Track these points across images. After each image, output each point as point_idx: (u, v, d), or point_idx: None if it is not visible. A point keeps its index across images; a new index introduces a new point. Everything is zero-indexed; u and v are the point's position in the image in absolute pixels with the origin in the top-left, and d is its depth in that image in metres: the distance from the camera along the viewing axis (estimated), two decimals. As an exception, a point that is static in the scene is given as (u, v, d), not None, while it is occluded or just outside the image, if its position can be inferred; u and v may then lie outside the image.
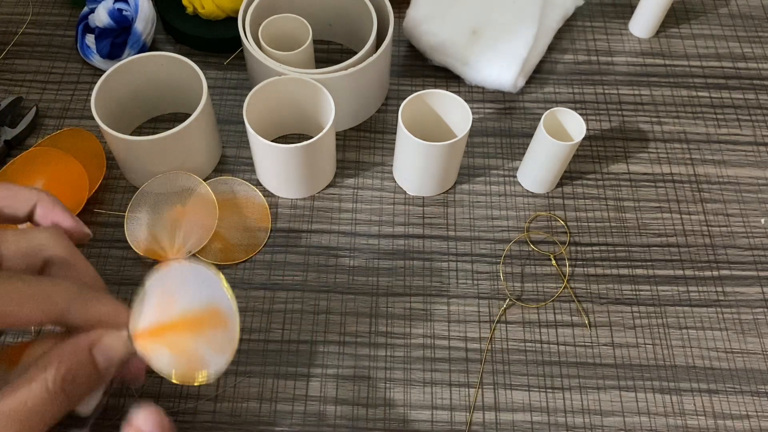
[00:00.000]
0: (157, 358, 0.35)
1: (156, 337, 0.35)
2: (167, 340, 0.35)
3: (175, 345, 0.35)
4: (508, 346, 0.53)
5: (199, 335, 0.35)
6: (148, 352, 0.35)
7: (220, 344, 0.35)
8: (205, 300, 0.35)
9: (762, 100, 0.67)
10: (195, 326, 0.35)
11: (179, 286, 0.35)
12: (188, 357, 0.35)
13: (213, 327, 0.35)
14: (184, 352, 0.35)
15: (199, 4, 0.65)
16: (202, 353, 0.35)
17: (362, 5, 0.62)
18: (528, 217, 0.59)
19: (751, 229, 0.59)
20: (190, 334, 0.35)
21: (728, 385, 0.52)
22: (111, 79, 0.56)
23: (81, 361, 0.33)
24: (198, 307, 0.35)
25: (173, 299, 0.35)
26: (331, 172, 0.60)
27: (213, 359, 0.35)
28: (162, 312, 0.35)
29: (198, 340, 0.35)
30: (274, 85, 0.56)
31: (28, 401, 0.31)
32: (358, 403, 0.50)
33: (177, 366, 0.35)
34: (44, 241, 0.36)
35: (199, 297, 0.35)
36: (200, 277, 0.34)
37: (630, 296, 0.55)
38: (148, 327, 0.35)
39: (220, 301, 0.35)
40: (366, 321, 0.53)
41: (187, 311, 0.35)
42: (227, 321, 0.35)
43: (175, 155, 0.55)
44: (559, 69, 0.68)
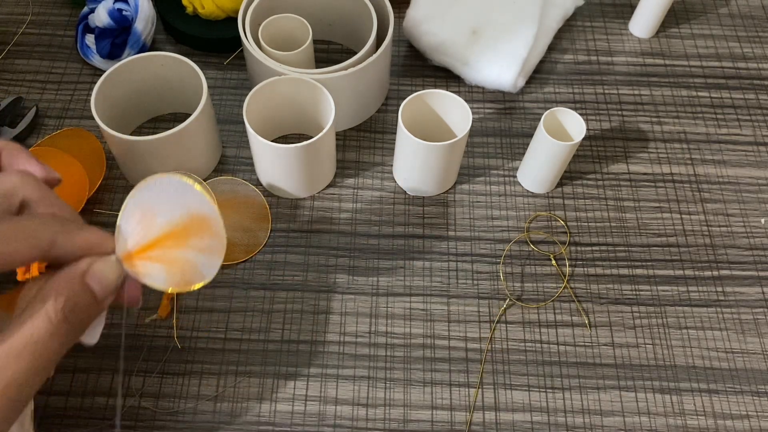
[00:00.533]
0: (149, 275, 0.35)
1: (144, 255, 0.35)
2: (156, 255, 0.35)
3: (165, 258, 0.35)
4: (508, 346, 0.53)
5: (187, 243, 0.35)
6: (140, 272, 0.35)
7: (209, 247, 0.35)
8: (185, 208, 0.35)
9: (762, 100, 0.67)
10: (181, 236, 0.35)
11: (157, 200, 0.35)
12: (180, 267, 0.35)
13: (199, 232, 0.35)
14: (176, 262, 0.35)
15: (199, 4, 0.65)
16: (193, 260, 0.35)
17: (362, 5, 0.62)
18: (528, 217, 0.59)
19: (751, 229, 0.59)
20: (177, 245, 0.35)
21: (728, 385, 0.52)
22: (111, 79, 0.56)
23: (77, 289, 0.34)
24: (180, 217, 0.35)
25: (153, 214, 0.35)
26: (331, 172, 0.60)
27: (205, 262, 0.35)
28: (145, 229, 0.35)
29: (186, 249, 0.35)
30: (274, 85, 0.56)
31: (33, 335, 0.32)
32: (358, 403, 0.50)
33: (171, 278, 0.35)
34: (16, 183, 0.36)
35: (178, 206, 0.35)
36: (175, 187, 0.34)
37: (630, 296, 0.55)
38: (134, 247, 0.35)
39: (200, 206, 0.34)
40: (366, 321, 0.53)
41: (169, 223, 0.35)
42: (211, 223, 0.35)
43: (175, 155, 0.55)
44: (559, 69, 0.68)
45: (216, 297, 0.54)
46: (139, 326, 0.52)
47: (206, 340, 0.52)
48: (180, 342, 0.52)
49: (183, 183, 0.34)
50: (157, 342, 0.52)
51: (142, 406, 0.49)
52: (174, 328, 0.52)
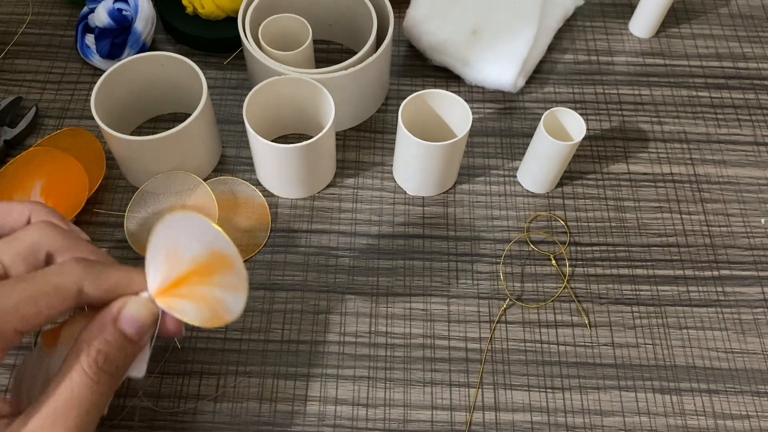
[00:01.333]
0: (181, 311, 0.36)
1: (174, 292, 0.36)
2: (185, 292, 0.36)
3: (194, 295, 0.36)
4: (508, 346, 0.53)
5: (211, 280, 0.36)
6: (172, 307, 0.36)
7: (233, 284, 0.36)
8: (207, 245, 0.35)
9: (762, 100, 0.67)
10: (205, 273, 0.36)
11: (180, 236, 0.35)
12: (208, 303, 0.36)
13: (222, 270, 0.35)
14: (204, 299, 0.36)
15: (199, 4, 0.65)
16: (220, 296, 0.36)
17: (362, 5, 0.62)
18: (528, 217, 0.59)
19: (751, 229, 0.59)
20: (202, 282, 0.36)
21: (728, 385, 0.52)
22: (111, 79, 0.56)
23: (109, 337, 0.35)
24: (203, 255, 0.35)
25: (178, 250, 0.36)
26: (331, 172, 0.60)
27: (231, 299, 0.36)
28: (172, 266, 0.36)
29: (212, 286, 0.36)
30: (274, 85, 0.56)
31: (74, 390, 0.33)
32: (358, 403, 0.50)
33: (202, 314, 0.36)
34: (36, 237, 0.37)
35: (200, 244, 0.35)
36: (196, 225, 0.35)
37: (630, 296, 0.55)
38: (163, 284, 0.36)
39: (220, 244, 0.35)
40: (366, 321, 0.53)
41: (194, 259, 0.36)
42: (232, 261, 0.35)
43: (175, 155, 0.55)
44: (559, 69, 0.68)
45: (216, 297, 0.54)
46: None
47: (206, 340, 0.52)
48: (180, 342, 0.52)
49: (202, 221, 0.34)
50: (157, 342, 0.52)
51: (142, 406, 0.49)
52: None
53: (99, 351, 0.34)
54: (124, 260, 0.55)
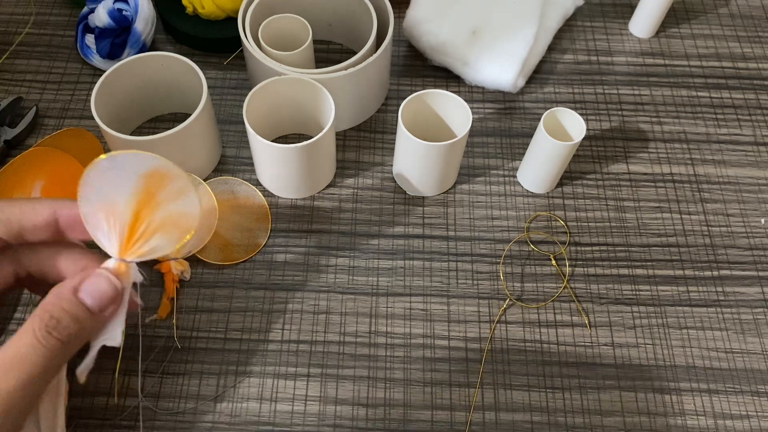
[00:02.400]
0: (154, 251, 0.36)
1: (135, 241, 0.36)
2: (144, 231, 0.36)
3: (153, 228, 0.36)
4: (508, 346, 0.53)
5: (158, 202, 0.35)
6: (144, 254, 0.36)
7: (179, 190, 0.35)
8: (133, 175, 0.35)
9: (762, 100, 0.67)
10: (150, 200, 0.35)
11: (104, 189, 0.35)
12: (171, 222, 0.36)
13: (161, 185, 0.35)
14: (163, 224, 0.36)
15: (199, 4, 0.65)
16: (174, 208, 0.36)
17: (362, 5, 0.62)
18: (528, 217, 0.59)
19: (751, 229, 0.59)
20: (153, 209, 0.35)
21: (728, 385, 0.52)
22: (111, 79, 0.56)
23: (66, 306, 0.35)
24: (135, 187, 0.35)
25: (112, 203, 0.35)
26: (331, 172, 0.60)
27: (185, 202, 0.35)
28: (116, 219, 0.35)
29: (162, 204, 0.35)
30: (274, 85, 0.56)
31: (21, 349, 0.33)
32: (358, 403, 0.50)
33: (171, 237, 0.36)
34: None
35: (126, 179, 0.35)
36: (109, 166, 0.34)
37: (630, 296, 0.55)
38: (121, 242, 0.36)
39: (143, 165, 0.34)
40: (366, 321, 0.53)
41: (131, 197, 0.35)
42: (163, 171, 0.35)
43: (175, 155, 0.55)
44: (559, 69, 0.68)
45: (216, 297, 0.54)
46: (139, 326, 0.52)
47: (206, 340, 0.52)
48: (180, 342, 0.52)
49: (108, 160, 0.34)
50: (157, 342, 0.52)
51: (143, 406, 0.49)
52: (174, 328, 0.52)
53: (52, 317, 0.34)
54: (124, 260, 0.55)
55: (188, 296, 0.54)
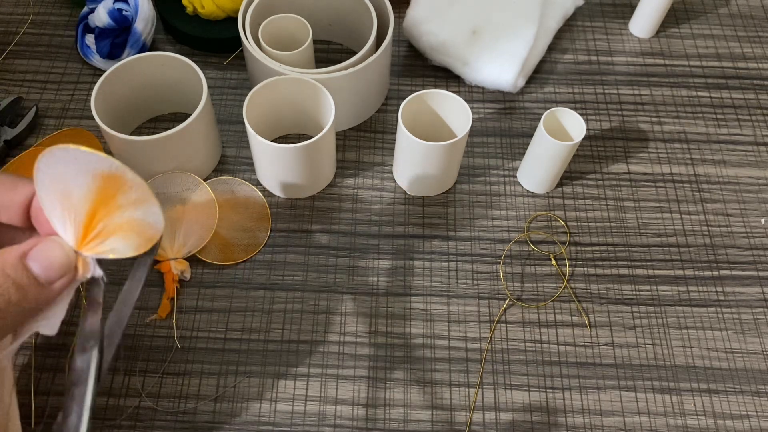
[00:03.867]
0: (110, 251, 0.34)
1: (93, 237, 0.34)
2: (102, 230, 0.34)
3: (112, 228, 0.34)
4: (508, 346, 0.53)
5: (118, 204, 0.33)
6: (102, 251, 0.34)
7: (139, 198, 0.33)
8: (90, 173, 0.32)
9: (762, 100, 0.67)
10: (107, 201, 0.33)
11: (61, 179, 0.33)
12: (130, 228, 0.34)
13: (119, 190, 0.33)
14: (123, 226, 0.34)
15: (199, 4, 0.65)
16: (135, 215, 0.34)
17: (362, 5, 0.62)
18: (528, 217, 0.59)
19: (751, 229, 0.59)
20: (111, 210, 0.33)
21: (728, 385, 0.52)
22: (111, 79, 0.56)
23: (9, 270, 0.31)
24: (92, 184, 0.33)
25: (69, 194, 0.33)
26: (331, 172, 0.60)
27: (146, 212, 0.34)
28: (73, 212, 0.33)
29: (121, 209, 0.33)
30: (274, 85, 0.56)
31: None
32: (358, 403, 0.50)
33: (132, 243, 0.34)
34: None
35: (80, 175, 0.33)
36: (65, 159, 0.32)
37: (630, 296, 0.55)
38: (78, 234, 0.33)
39: (101, 166, 0.32)
40: (366, 321, 0.53)
41: (88, 195, 0.33)
42: (122, 177, 0.33)
43: (175, 155, 0.55)
44: (559, 69, 0.68)
45: (216, 297, 0.54)
46: (139, 326, 0.52)
47: (206, 340, 0.52)
48: (180, 342, 0.52)
49: (66, 151, 0.32)
50: (157, 342, 0.52)
51: (143, 406, 0.49)
52: (174, 328, 0.52)
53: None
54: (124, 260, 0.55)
55: (188, 296, 0.54)
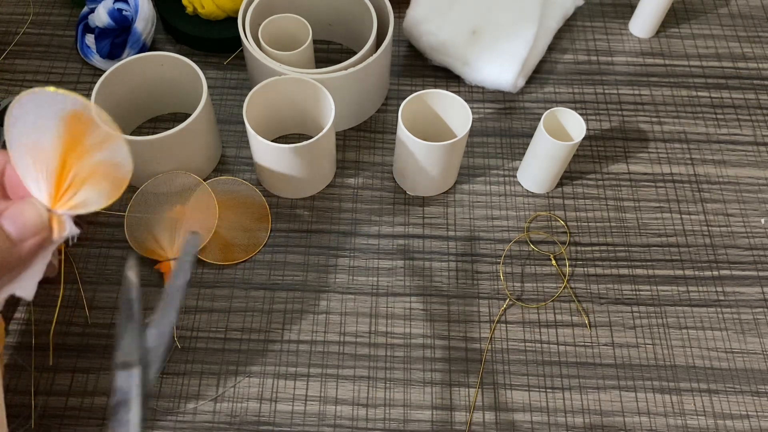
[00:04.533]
0: (84, 205, 0.34)
1: (66, 191, 0.33)
2: (74, 181, 0.33)
3: (83, 176, 0.33)
4: (508, 346, 0.53)
5: (85, 148, 0.33)
6: (75, 209, 0.34)
7: (106, 137, 0.33)
8: (56, 116, 0.32)
9: (762, 100, 0.67)
10: (76, 145, 0.33)
11: (28, 129, 0.32)
12: (101, 173, 0.33)
13: (86, 130, 0.33)
14: (94, 173, 0.33)
15: (199, 4, 0.65)
16: (104, 157, 0.33)
17: (362, 5, 0.62)
18: (528, 217, 0.59)
19: (751, 229, 0.59)
20: (80, 156, 0.33)
21: (728, 385, 0.52)
22: (111, 79, 0.56)
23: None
24: (60, 128, 0.32)
25: (38, 144, 0.32)
26: (331, 172, 0.60)
27: (114, 153, 0.33)
28: (44, 164, 0.33)
29: (91, 152, 0.33)
30: (274, 85, 0.56)
31: None
32: (358, 403, 0.50)
33: (103, 190, 0.34)
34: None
35: (50, 120, 0.32)
36: (29, 106, 0.32)
37: (630, 296, 0.55)
38: (51, 191, 0.33)
39: (65, 105, 0.32)
40: (366, 321, 0.53)
41: (58, 140, 0.32)
42: (89, 114, 0.32)
43: (175, 155, 0.55)
44: (559, 69, 0.68)
45: (216, 297, 0.54)
46: (139, 326, 0.52)
47: (206, 340, 0.52)
48: (180, 342, 0.52)
49: (34, 95, 0.31)
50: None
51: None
52: (174, 328, 0.52)
53: None
54: (124, 260, 0.55)
55: (188, 296, 0.54)
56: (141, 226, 0.55)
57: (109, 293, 0.54)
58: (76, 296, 0.53)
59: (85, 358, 0.51)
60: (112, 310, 0.53)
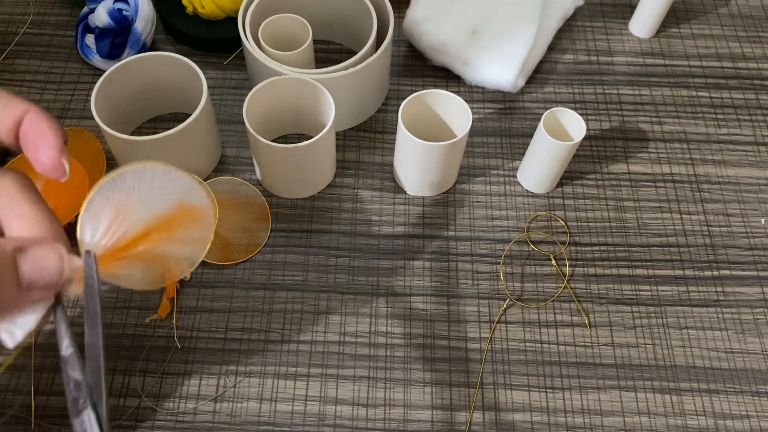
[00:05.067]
0: (126, 277, 0.32)
1: (121, 255, 0.32)
2: (136, 253, 0.32)
3: (147, 256, 0.32)
4: (508, 346, 0.53)
5: (174, 236, 0.32)
6: (116, 273, 0.32)
7: (198, 238, 0.32)
8: (173, 199, 0.31)
9: (762, 100, 0.67)
10: (169, 228, 0.32)
11: (138, 190, 0.31)
12: (162, 262, 0.32)
13: (188, 224, 0.32)
14: (158, 258, 0.32)
15: (199, 4, 0.65)
16: (178, 253, 0.32)
17: (362, 5, 0.62)
18: (528, 217, 0.59)
19: (751, 229, 0.59)
20: (162, 240, 0.32)
21: (728, 385, 0.52)
22: (111, 79, 0.56)
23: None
24: (165, 209, 0.32)
25: (133, 208, 0.31)
26: (331, 172, 0.60)
27: (190, 254, 0.33)
28: (122, 224, 0.31)
29: (173, 242, 0.32)
30: (274, 85, 0.56)
31: None
32: (358, 403, 0.50)
33: (151, 275, 0.32)
34: None
35: (164, 198, 0.31)
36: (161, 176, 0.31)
37: (630, 296, 0.55)
38: (106, 248, 0.31)
39: (190, 196, 0.31)
40: (366, 321, 0.53)
41: (155, 216, 0.32)
42: (201, 214, 0.32)
43: (175, 155, 0.55)
44: (559, 69, 0.68)
45: (216, 297, 0.54)
46: (139, 326, 0.52)
47: (206, 340, 0.52)
48: (180, 342, 0.52)
49: (169, 171, 0.31)
50: (157, 342, 0.52)
51: (143, 406, 0.49)
52: (174, 328, 0.52)
53: None
54: (124, 260, 0.55)
55: (188, 296, 0.54)
56: (141, 226, 0.55)
57: (109, 293, 0.54)
58: (76, 296, 0.53)
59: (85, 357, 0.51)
60: (112, 310, 0.53)
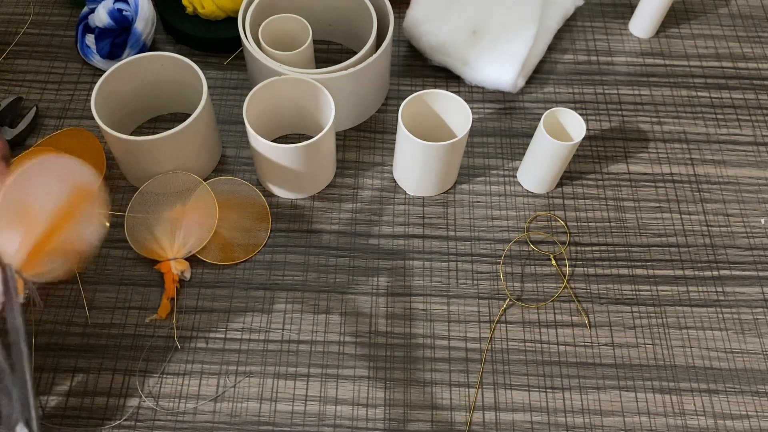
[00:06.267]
0: (49, 272, 0.33)
1: (40, 254, 0.32)
2: (52, 247, 0.32)
3: (62, 247, 0.33)
4: (508, 346, 0.53)
5: (75, 221, 0.32)
6: (40, 273, 0.32)
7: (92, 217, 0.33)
8: (68, 183, 0.32)
9: (762, 100, 0.67)
10: (68, 214, 0.32)
11: (37, 187, 0.32)
12: (73, 245, 0.33)
13: (83, 204, 0.32)
14: (70, 243, 0.33)
15: (199, 4, 0.65)
16: (80, 233, 0.33)
17: (362, 5, 0.62)
18: (528, 217, 0.59)
19: (751, 229, 0.59)
20: (68, 226, 0.32)
21: (728, 385, 0.52)
22: (111, 79, 0.56)
23: None
24: (64, 194, 0.32)
25: (38, 205, 0.32)
26: (331, 172, 0.60)
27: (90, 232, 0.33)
28: (28, 227, 0.32)
29: (76, 226, 0.33)
30: (274, 85, 0.56)
31: None
32: (358, 403, 0.50)
33: (67, 262, 0.33)
34: None
35: (61, 184, 0.32)
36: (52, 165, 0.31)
37: (630, 296, 0.55)
38: (26, 252, 0.32)
39: (81, 175, 0.31)
40: (366, 321, 0.53)
41: (57, 206, 0.32)
42: (94, 195, 0.32)
43: (175, 155, 0.55)
44: (559, 69, 0.68)
45: (216, 297, 0.54)
46: (139, 326, 0.52)
47: (206, 340, 0.52)
48: (180, 342, 0.52)
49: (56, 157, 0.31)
50: (157, 342, 0.52)
51: (143, 406, 0.49)
52: (174, 328, 0.52)
53: None
54: (124, 260, 0.55)
55: (188, 296, 0.54)
56: (141, 226, 0.55)
57: (109, 293, 0.54)
58: (77, 296, 0.53)
59: (85, 358, 0.51)
60: (112, 310, 0.53)
